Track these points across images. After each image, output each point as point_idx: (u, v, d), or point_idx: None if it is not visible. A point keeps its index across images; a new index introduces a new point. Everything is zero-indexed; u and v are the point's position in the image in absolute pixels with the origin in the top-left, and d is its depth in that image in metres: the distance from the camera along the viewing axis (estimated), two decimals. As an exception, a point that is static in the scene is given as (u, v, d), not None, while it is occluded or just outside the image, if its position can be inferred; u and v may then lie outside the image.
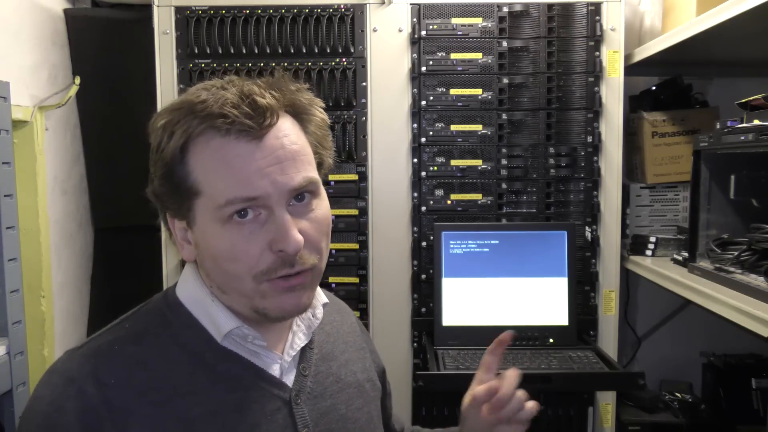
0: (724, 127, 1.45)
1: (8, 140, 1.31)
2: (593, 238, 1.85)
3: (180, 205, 0.78)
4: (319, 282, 0.84)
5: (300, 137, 0.80)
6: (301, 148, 0.79)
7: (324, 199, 0.82)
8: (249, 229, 0.75)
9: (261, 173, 0.74)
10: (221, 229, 0.75)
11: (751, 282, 1.34)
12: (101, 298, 2.18)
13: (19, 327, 1.31)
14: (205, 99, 0.74)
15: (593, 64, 1.83)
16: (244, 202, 0.74)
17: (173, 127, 0.75)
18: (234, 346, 0.82)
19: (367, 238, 1.86)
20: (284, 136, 0.77)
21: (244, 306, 0.79)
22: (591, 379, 1.61)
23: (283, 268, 0.76)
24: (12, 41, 1.77)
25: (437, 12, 1.83)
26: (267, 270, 0.76)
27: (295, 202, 0.78)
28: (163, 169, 0.77)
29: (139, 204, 2.44)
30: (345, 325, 1.01)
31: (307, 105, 0.82)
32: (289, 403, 0.83)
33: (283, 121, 0.78)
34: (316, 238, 0.79)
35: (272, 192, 0.74)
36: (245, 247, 0.75)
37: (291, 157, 0.76)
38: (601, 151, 1.85)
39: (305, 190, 0.78)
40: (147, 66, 1.85)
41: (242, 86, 0.76)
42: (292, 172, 0.76)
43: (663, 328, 2.27)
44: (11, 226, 1.29)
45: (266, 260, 0.75)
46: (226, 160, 0.74)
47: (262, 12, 1.82)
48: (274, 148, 0.75)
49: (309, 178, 0.78)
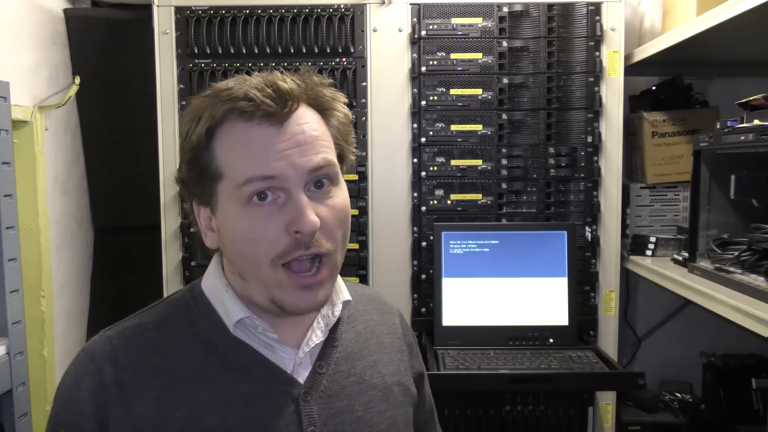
0: (724, 127, 1.45)
1: (8, 140, 1.31)
2: (593, 238, 1.85)
3: (204, 190, 0.81)
4: (336, 275, 0.84)
5: (321, 126, 0.82)
6: (321, 135, 0.80)
7: (343, 189, 0.83)
8: (268, 211, 0.77)
9: (280, 155, 0.76)
10: (241, 210, 0.77)
11: (751, 282, 1.34)
12: (101, 298, 2.18)
13: (19, 327, 1.31)
14: (231, 86, 0.78)
15: (593, 64, 1.83)
16: (262, 181, 0.76)
17: (200, 113, 0.79)
18: (248, 337, 0.84)
19: (367, 238, 1.86)
20: (305, 123, 0.79)
21: (263, 296, 0.80)
22: (591, 379, 1.61)
23: (298, 249, 0.77)
24: (12, 41, 1.77)
25: (437, 12, 1.83)
26: (283, 252, 0.77)
27: (314, 189, 0.79)
28: (190, 154, 0.80)
29: (139, 204, 2.45)
30: (384, 325, 1.00)
31: (329, 99, 0.84)
32: (297, 400, 0.83)
33: (305, 110, 0.80)
34: (333, 224, 0.80)
35: (290, 173, 0.76)
36: (263, 229, 0.76)
37: (310, 141, 0.78)
38: (601, 151, 1.85)
39: (324, 174, 0.79)
40: (147, 66, 1.85)
41: (267, 75, 0.79)
42: (311, 154, 0.77)
43: (663, 328, 2.27)
44: (11, 226, 1.29)
45: (282, 242, 0.77)
46: (247, 142, 0.76)
47: (262, 12, 1.82)
48: (295, 132, 0.77)
49: (328, 159, 0.79)
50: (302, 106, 0.80)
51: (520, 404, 1.75)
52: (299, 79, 0.81)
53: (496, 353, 1.69)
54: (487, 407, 1.73)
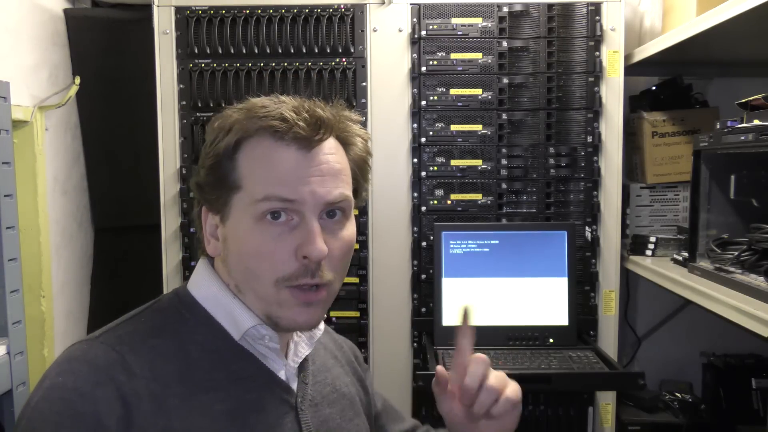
0: (724, 127, 1.45)
1: (8, 140, 1.31)
2: (593, 238, 1.85)
3: (218, 198, 0.81)
4: (331, 301, 0.85)
5: (344, 160, 0.84)
6: (343, 169, 0.83)
7: (352, 224, 0.86)
8: (279, 231, 0.78)
9: (303, 181, 0.78)
10: (253, 225, 0.78)
11: (751, 282, 1.34)
12: (101, 298, 2.18)
13: (19, 327, 1.30)
14: (267, 104, 0.81)
15: (593, 64, 1.83)
16: (280, 202, 0.77)
17: (232, 124, 0.80)
18: (248, 346, 0.84)
19: (367, 238, 1.86)
20: (331, 154, 0.81)
21: (260, 310, 0.82)
22: (591, 379, 1.61)
23: (304, 276, 0.78)
24: (12, 41, 1.77)
25: (437, 12, 1.83)
26: (289, 276, 0.78)
27: (327, 218, 0.81)
28: (213, 161, 0.81)
29: (139, 204, 2.45)
30: (332, 341, 1.04)
31: (353, 134, 0.86)
32: (295, 408, 0.85)
33: (332, 142, 0.83)
34: (338, 256, 0.82)
35: (309, 199, 0.78)
36: (272, 247, 0.78)
37: (333, 174, 0.81)
38: (601, 151, 1.85)
39: (338, 206, 0.81)
40: (147, 66, 1.85)
41: (304, 101, 0.82)
42: (331, 187, 0.80)
43: (663, 328, 2.27)
44: (11, 226, 1.29)
45: (291, 266, 0.78)
46: (273, 161, 0.78)
47: (262, 12, 1.82)
48: (321, 162, 0.80)
49: (345, 195, 0.82)
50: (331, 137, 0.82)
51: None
52: (332, 109, 0.83)
53: (496, 353, 1.69)
54: (487, 407, 1.73)
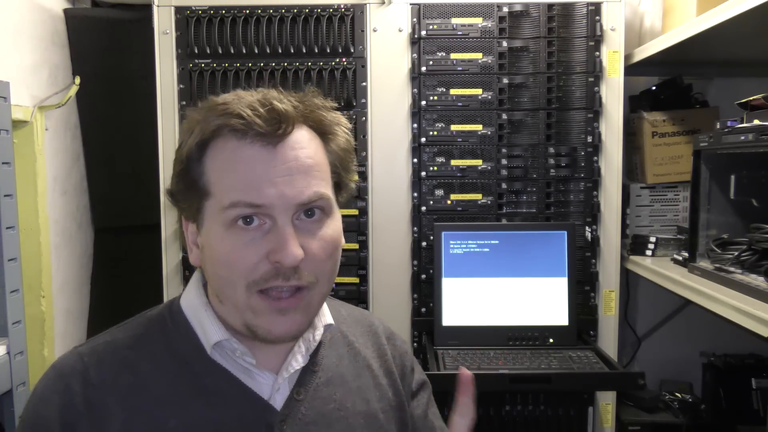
0: (724, 127, 1.45)
1: (8, 140, 1.31)
2: (593, 238, 1.85)
3: (191, 205, 0.78)
4: (317, 307, 0.81)
5: (318, 153, 0.78)
6: (317, 164, 0.77)
7: (336, 220, 0.80)
8: (251, 236, 0.74)
9: (270, 182, 0.73)
10: (224, 232, 0.74)
11: (751, 282, 1.34)
12: (101, 298, 2.18)
13: (19, 327, 1.31)
14: (227, 100, 0.75)
15: (593, 64, 1.83)
16: (248, 208, 0.73)
17: (194, 125, 0.76)
18: (225, 360, 0.81)
19: (367, 238, 1.86)
20: (300, 148, 0.76)
21: (237, 320, 0.78)
22: (591, 379, 1.61)
23: (276, 279, 0.74)
24: (12, 41, 1.77)
25: (437, 12, 1.83)
26: (260, 279, 0.74)
27: (304, 217, 0.76)
28: (180, 166, 0.77)
29: (139, 204, 2.45)
30: (370, 348, 0.94)
31: (330, 123, 0.80)
32: (272, 428, 0.79)
33: (302, 134, 0.77)
34: (319, 257, 0.77)
35: (278, 203, 0.73)
36: (243, 253, 0.74)
37: (303, 171, 0.75)
38: (601, 151, 1.85)
39: (315, 205, 0.76)
40: (147, 66, 1.85)
41: (266, 93, 0.76)
42: (302, 186, 0.74)
43: (663, 328, 2.27)
44: (11, 226, 1.29)
45: (261, 269, 0.74)
46: (237, 163, 0.74)
47: (262, 12, 1.82)
48: (288, 158, 0.74)
49: (319, 193, 0.76)
50: (300, 128, 0.77)
51: (520, 404, 1.75)
52: (299, 100, 0.78)
53: (496, 353, 1.69)
54: (487, 407, 1.73)
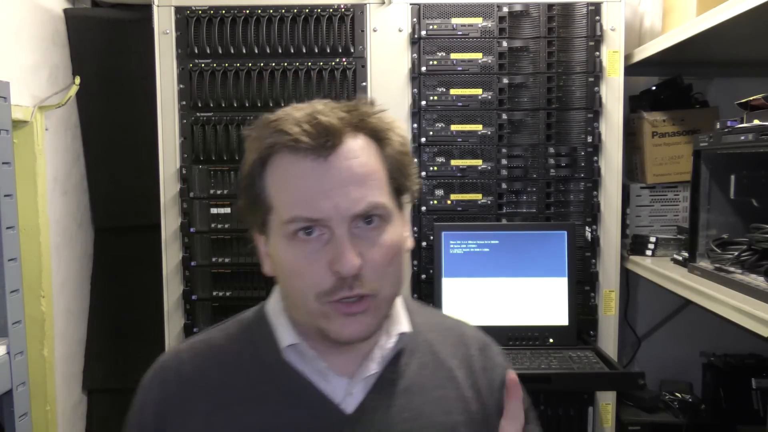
0: (724, 127, 1.45)
1: (8, 140, 1.31)
2: (593, 238, 1.85)
3: (257, 219, 0.81)
4: (385, 310, 0.81)
5: (372, 160, 0.78)
6: (371, 172, 0.78)
7: (396, 226, 0.80)
8: (312, 247, 0.76)
9: (325, 195, 0.74)
10: (287, 245, 0.77)
11: (751, 282, 1.34)
12: (101, 297, 2.18)
13: (19, 327, 1.30)
14: (278, 117, 0.78)
15: (593, 64, 1.83)
16: (305, 222, 0.75)
17: (252, 143, 0.80)
18: (302, 363, 0.83)
19: (367, 238, 1.85)
20: (353, 158, 0.76)
21: (310, 324, 0.80)
22: (591, 379, 1.61)
23: (342, 290, 0.75)
24: (12, 41, 1.77)
25: (437, 12, 1.83)
26: (328, 291, 0.76)
27: (363, 224, 0.77)
28: (244, 182, 0.80)
29: (139, 204, 2.44)
30: (458, 358, 0.91)
31: (383, 128, 0.81)
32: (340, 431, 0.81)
33: (354, 142, 0.77)
34: (380, 263, 0.77)
35: (333, 215, 0.75)
36: (307, 265, 0.76)
37: (357, 181, 0.76)
38: (601, 151, 1.85)
39: (371, 214, 0.77)
40: (147, 66, 1.86)
41: (314, 106, 0.78)
42: (357, 197, 0.75)
43: (663, 328, 2.26)
44: (11, 226, 1.29)
45: (327, 281, 0.75)
46: (292, 178, 0.76)
47: (262, 12, 1.82)
48: (341, 169, 0.75)
49: (374, 203, 0.76)
50: (353, 137, 0.77)
51: (520, 404, 1.75)
52: (348, 109, 0.78)
53: (496, 353, 1.68)
54: (487, 407, 1.73)
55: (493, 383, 0.91)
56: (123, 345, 2.16)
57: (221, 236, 1.87)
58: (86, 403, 2.19)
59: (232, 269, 1.87)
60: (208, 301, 1.88)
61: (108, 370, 2.17)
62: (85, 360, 2.17)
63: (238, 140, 1.85)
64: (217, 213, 1.87)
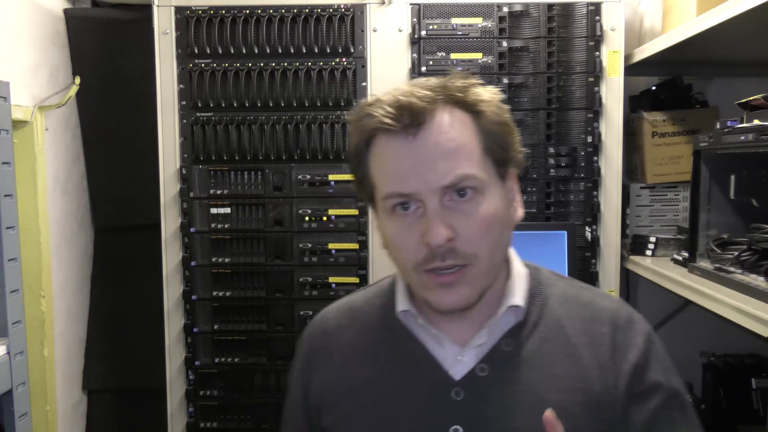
0: (724, 127, 1.44)
1: (8, 140, 1.30)
2: (593, 238, 1.85)
3: (366, 196, 0.88)
4: (485, 280, 0.83)
5: (463, 133, 0.80)
6: (461, 145, 0.80)
7: (491, 196, 0.81)
8: (409, 221, 0.80)
9: (414, 170, 0.78)
10: (388, 219, 0.83)
11: (751, 282, 1.34)
12: (101, 298, 2.18)
13: (19, 327, 1.30)
14: (369, 103, 0.83)
15: (593, 64, 1.83)
16: (399, 197, 0.80)
17: (353, 127, 0.86)
18: (417, 328, 0.89)
19: (367, 238, 1.86)
20: (442, 133, 0.79)
21: (418, 294, 0.86)
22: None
23: (434, 261, 0.79)
24: (12, 41, 1.77)
25: (437, 12, 1.83)
26: (422, 261, 0.80)
27: (457, 197, 0.79)
28: (353, 163, 0.87)
29: (139, 204, 2.44)
30: (586, 335, 0.87)
31: (474, 101, 0.82)
32: (447, 397, 0.84)
33: (444, 117, 0.80)
34: (473, 234, 0.79)
35: (423, 189, 0.78)
36: (404, 238, 0.81)
37: (446, 154, 0.78)
38: (601, 151, 1.85)
39: (463, 185, 0.79)
40: (147, 66, 1.86)
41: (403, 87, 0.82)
42: (445, 169, 0.78)
43: (663, 328, 2.26)
44: (11, 226, 1.29)
45: (421, 252, 0.79)
46: (386, 157, 0.81)
47: (262, 12, 1.82)
48: (429, 146, 0.79)
49: (463, 175, 0.78)
50: (442, 112, 0.80)
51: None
52: (438, 86, 0.81)
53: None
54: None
55: (624, 365, 0.85)
56: (123, 345, 2.16)
57: (221, 236, 1.87)
58: (86, 403, 2.19)
59: (232, 269, 1.87)
60: (208, 301, 1.88)
61: (108, 370, 2.17)
62: (85, 360, 2.17)
63: (238, 140, 1.85)
64: (217, 213, 1.87)
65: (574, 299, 0.91)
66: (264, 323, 1.88)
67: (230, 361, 1.89)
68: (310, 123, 1.84)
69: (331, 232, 1.87)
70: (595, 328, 0.88)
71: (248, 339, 1.89)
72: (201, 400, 1.89)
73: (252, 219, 1.87)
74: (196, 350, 1.88)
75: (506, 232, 0.85)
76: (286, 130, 1.84)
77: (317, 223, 1.86)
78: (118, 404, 2.22)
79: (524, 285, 0.89)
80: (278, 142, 1.85)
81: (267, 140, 1.85)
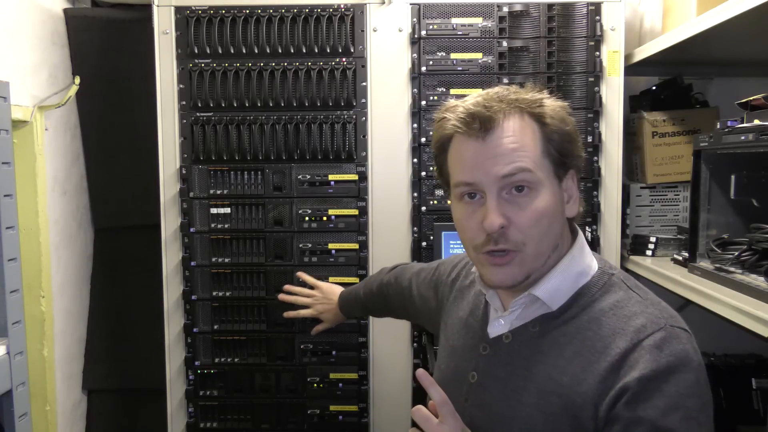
0: (724, 127, 1.45)
1: (8, 140, 1.30)
2: (593, 238, 1.85)
3: (443, 182, 1.05)
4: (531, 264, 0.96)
5: (526, 138, 0.95)
6: (522, 146, 0.94)
7: (545, 193, 0.95)
8: (473, 208, 0.97)
9: (479, 165, 0.95)
10: (457, 205, 1.00)
11: (751, 282, 1.34)
12: (101, 298, 2.18)
13: (18, 327, 1.30)
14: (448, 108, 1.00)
15: (593, 64, 1.83)
16: (465, 186, 0.97)
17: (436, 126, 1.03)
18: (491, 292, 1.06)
19: (367, 238, 1.86)
20: (506, 137, 0.94)
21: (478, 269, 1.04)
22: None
23: (488, 244, 0.95)
24: (12, 41, 1.77)
25: (437, 12, 1.83)
26: (480, 244, 0.96)
27: (515, 192, 0.94)
28: (435, 153, 1.05)
29: (139, 204, 2.44)
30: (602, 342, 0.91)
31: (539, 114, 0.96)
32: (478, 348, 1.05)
33: (511, 123, 0.95)
34: (524, 224, 0.93)
35: (484, 179, 0.94)
36: (467, 222, 0.98)
37: (507, 153, 0.93)
38: (601, 151, 1.85)
39: (518, 180, 0.93)
40: (147, 66, 1.86)
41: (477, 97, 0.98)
42: (504, 163, 0.93)
43: (663, 328, 2.26)
44: (11, 226, 1.29)
45: (479, 236, 0.96)
46: (460, 154, 0.98)
47: (262, 12, 1.82)
48: (494, 146, 0.94)
49: (520, 167, 0.93)
50: (510, 119, 0.94)
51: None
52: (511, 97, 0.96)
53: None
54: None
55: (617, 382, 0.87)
56: (123, 345, 2.16)
57: (221, 236, 1.87)
58: (86, 403, 2.19)
59: (232, 269, 1.87)
60: (207, 301, 1.88)
61: (108, 370, 2.17)
62: (85, 360, 2.17)
63: (238, 140, 1.85)
64: (217, 213, 1.87)
65: (619, 310, 0.95)
66: (264, 323, 1.88)
67: (230, 361, 1.89)
68: (310, 123, 1.84)
69: (331, 232, 1.87)
70: (616, 340, 0.91)
71: (248, 339, 1.89)
72: (201, 400, 1.89)
73: (252, 219, 1.87)
74: (196, 350, 1.88)
75: (555, 226, 0.97)
76: (286, 130, 1.84)
77: (317, 223, 1.86)
78: (118, 404, 2.22)
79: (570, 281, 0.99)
80: (278, 142, 1.85)
81: (267, 140, 1.85)
